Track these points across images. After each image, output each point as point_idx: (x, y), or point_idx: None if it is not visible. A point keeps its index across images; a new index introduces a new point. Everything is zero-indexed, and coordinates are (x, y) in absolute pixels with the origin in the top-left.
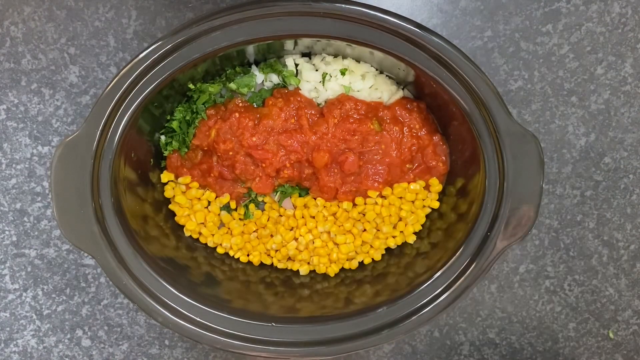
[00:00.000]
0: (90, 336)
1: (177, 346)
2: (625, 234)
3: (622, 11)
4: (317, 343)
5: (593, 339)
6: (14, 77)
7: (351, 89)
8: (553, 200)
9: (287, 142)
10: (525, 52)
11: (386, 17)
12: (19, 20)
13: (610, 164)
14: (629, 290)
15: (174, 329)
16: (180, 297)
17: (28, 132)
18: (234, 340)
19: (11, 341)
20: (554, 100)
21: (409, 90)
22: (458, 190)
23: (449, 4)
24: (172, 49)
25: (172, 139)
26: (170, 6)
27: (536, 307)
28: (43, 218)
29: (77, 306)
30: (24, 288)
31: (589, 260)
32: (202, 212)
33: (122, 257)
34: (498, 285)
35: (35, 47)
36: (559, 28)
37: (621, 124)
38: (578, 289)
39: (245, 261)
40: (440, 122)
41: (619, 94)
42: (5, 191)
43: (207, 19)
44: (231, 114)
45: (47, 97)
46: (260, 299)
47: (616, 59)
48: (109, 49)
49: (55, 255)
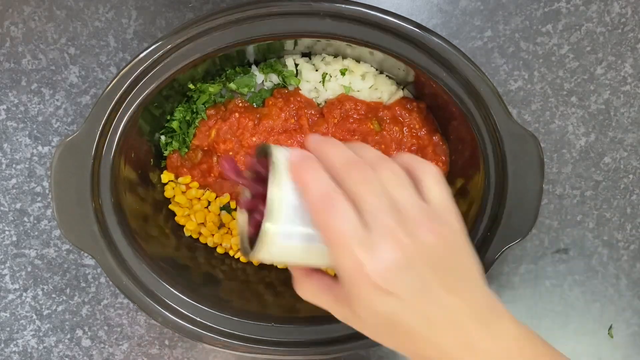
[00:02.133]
0: (90, 336)
1: (177, 346)
2: (625, 234)
3: (621, 11)
4: (317, 343)
5: (593, 339)
6: (14, 77)
7: (351, 89)
8: (553, 200)
9: (287, 142)
10: (525, 52)
11: (386, 17)
12: (19, 20)
13: (610, 164)
14: (629, 290)
15: (174, 329)
16: (180, 297)
17: (28, 132)
18: (234, 340)
19: (11, 341)
20: (554, 100)
21: (409, 90)
22: (458, 190)
23: (449, 4)
24: (172, 49)
25: (172, 139)
26: (170, 6)
27: (536, 307)
28: (43, 218)
29: (77, 306)
30: (24, 288)
31: (589, 261)
32: (202, 212)
33: (122, 257)
34: (498, 285)
35: (35, 47)
36: (559, 28)
37: (621, 124)
38: (578, 289)
39: (245, 261)
40: (440, 122)
41: (619, 94)
42: (5, 191)
43: (207, 19)
44: (231, 114)
45: (47, 97)
46: (260, 299)
47: (616, 59)
48: (109, 49)
49: (55, 255)
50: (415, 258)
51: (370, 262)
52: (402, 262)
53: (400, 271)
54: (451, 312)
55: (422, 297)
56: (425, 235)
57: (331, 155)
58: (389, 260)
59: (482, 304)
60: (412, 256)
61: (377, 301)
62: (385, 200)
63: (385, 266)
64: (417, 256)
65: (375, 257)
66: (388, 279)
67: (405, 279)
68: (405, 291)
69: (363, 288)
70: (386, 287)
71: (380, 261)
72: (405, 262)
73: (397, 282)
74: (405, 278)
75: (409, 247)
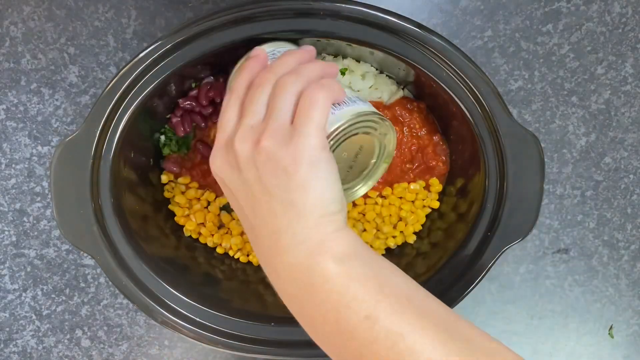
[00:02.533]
0: (89, 336)
1: (177, 346)
2: (626, 234)
3: (622, 11)
4: None
5: (593, 339)
6: (14, 77)
7: (351, 88)
8: (553, 200)
9: None
10: (526, 51)
11: (386, 17)
12: (19, 20)
13: (610, 164)
14: (630, 290)
15: (173, 329)
16: (180, 297)
17: (27, 132)
18: (234, 340)
19: (11, 341)
20: (554, 100)
21: (409, 90)
22: (458, 190)
23: (449, 3)
24: (171, 49)
25: (171, 139)
26: (170, 6)
27: (536, 307)
28: (42, 218)
29: (76, 306)
30: (24, 288)
31: (590, 261)
32: (201, 212)
33: (121, 257)
34: (499, 285)
35: (34, 47)
36: (559, 28)
37: (621, 124)
38: (578, 289)
39: (245, 261)
40: (440, 122)
41: (620, 93)
42: (4, 191)
43: (206, 18)
44: None
45: (46, 97)
46: (260, 299)
47: (616, 58)
48: (108, 48)
49: (54, 256)
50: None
51: (213, 154)
52: (233, 161)
53: (224, 168)
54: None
55: (247, 192)
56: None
57: (274, 65)
58: (220, 158)
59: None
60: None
61: (220, 183)
62: (257, 111)
63: (215, 160)
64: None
65: (215, 149)
66: (215, 171)
67: (231, 176)
68: (230, 185)
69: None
70: (218, 176)
71: (216, 155)
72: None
73: (224, 176)
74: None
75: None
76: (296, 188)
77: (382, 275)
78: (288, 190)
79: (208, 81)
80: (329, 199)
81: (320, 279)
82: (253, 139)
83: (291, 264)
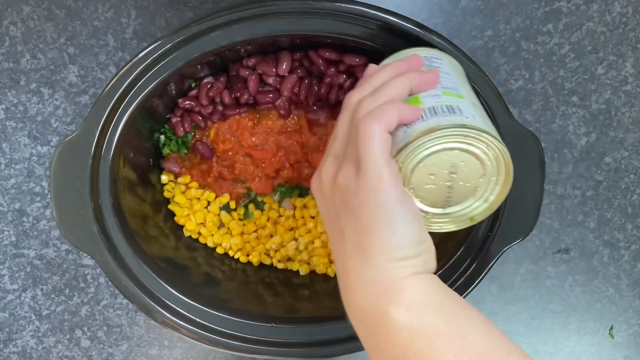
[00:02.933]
0: (89, 336)
1: (176, 346)
2: (626, 234)
3: (622, 10)
4: (317, 343)
5: (594, 339)
6: (13, 77)
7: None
8: (554, 200)
9: (287, 142)
10: (526, 51)
11: (387, 16)
12: (18, 20)
13: (611, 164)
14: (630, 290)
15: (173, 329)
16: (180, 297)
17: (27, 131)
18: (234, 340)
19: (10, 341)
20: (555, 100)
21: None
22: None
23: (450, 3)
24: (171, 49)
25: (171, 139)
26: (169, 6)
27: (537, 307)
28: (42, 218)
29: (76, 306)
30: (23, 288)
31: (590, 261)
32: (201, 212)
33: (121, 257)
34: (499, 285)
35: (34, 47)
36: (560, 27)
37: (622, 124)
38: (579, 289)
39: (245, 261)
40: None
41: (620, 93)
42: (4, 191)
43: (206, 18)
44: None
45: (46, 97)
46: (259, 299)
47: (617, 58)
48: (108, 48)
49: (54, 256)
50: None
51: (320, 165)
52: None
53: (317, 193)
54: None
55: (331, 221)
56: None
57: (364, 83)
58: (315, 180)
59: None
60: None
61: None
62: (340, 138)
63: (314, 178)
64: (329, 190)
65: (322, 161)
66: (312, 189)
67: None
68: (319, 208)
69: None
70: (317, 195)
71: (319, 171)
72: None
73: (316, 197)
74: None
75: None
76: (363, 231)
77: (456, 331)
78: (356, 232)
79: (208, 81)
80: (398, 245)
81: (385, 328)
82: (333, 171)
83: (357, 306)
